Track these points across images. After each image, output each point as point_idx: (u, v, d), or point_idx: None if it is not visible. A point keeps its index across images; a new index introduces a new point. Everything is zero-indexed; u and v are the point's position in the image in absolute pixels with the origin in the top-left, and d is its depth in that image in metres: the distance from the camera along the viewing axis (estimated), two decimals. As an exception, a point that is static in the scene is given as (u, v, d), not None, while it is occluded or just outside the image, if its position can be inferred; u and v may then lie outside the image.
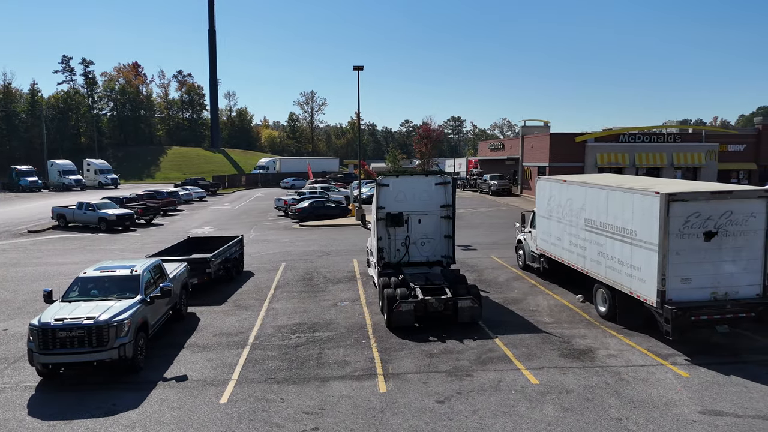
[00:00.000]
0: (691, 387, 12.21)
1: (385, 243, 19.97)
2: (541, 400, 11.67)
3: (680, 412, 11.04)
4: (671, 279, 14.17)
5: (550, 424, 10.67)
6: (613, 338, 15.46)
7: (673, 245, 14.10)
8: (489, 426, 10.62)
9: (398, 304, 16.17)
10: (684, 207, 14.04)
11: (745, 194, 14.24)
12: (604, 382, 12.56)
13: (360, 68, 41.54)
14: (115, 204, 42.25)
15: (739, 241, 14.24)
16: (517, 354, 14.36)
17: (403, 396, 11.96)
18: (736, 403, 11.35)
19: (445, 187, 20.08)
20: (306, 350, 14.89)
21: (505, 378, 12.88)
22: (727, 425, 10.50)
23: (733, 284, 14.32)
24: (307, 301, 19.84)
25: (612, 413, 11.05)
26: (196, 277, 20.60)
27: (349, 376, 13.08)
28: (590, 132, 53.60)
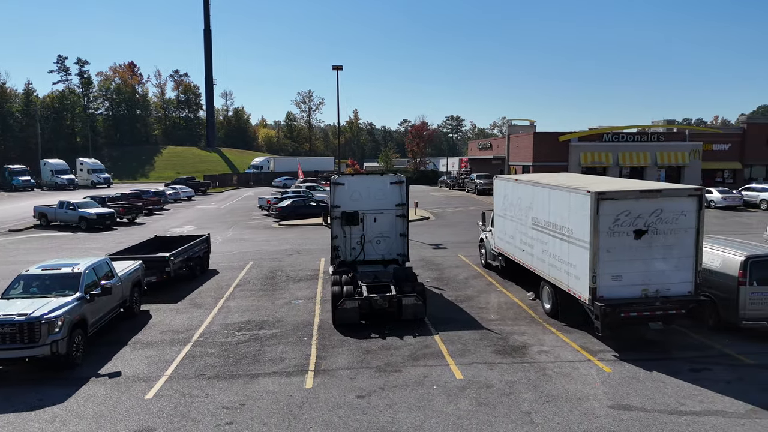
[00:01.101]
0: (609, 382, 12.43)
1: (340, 241, 20.22)
2: (460, 395, 11.90)
3: (590, 406, 11.27)
4: (602, 276, 14.38)
5: (459, 417, 10.90)
6: (550, 335, 15.68)
7: (603, 243, 14.31)
8: (400, 420, 10.85)
9: (342, 302, 16.42)
10: (613, 205, 14.25)
11: (675, 193, 14.45)
12: (526, 377, 12.77)
13: (339, 68, 41.87)
14: (96, 203, 42.51)
15: (670, 239, 14.43)
16: (451, 350, 14.59)
17: (327, 391, 12.20)
18: (647, 398, 11.57)
19: (400, 187, 20.30)
20: (246, 347, 15.12)
21: (432, 373, 13.10)
22: (631, 419, 10.72)
23: (665, 282, 14.51)
24: (263, 299, 20.07)
25: (524, 407, 11.28)
26: (155, 275, 20.86)
27: (281, 373, 13.31)
28: (574, 131, 53.68)
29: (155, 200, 52.43)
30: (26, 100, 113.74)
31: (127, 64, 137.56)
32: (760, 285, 14.57)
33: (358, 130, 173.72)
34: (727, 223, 37.72)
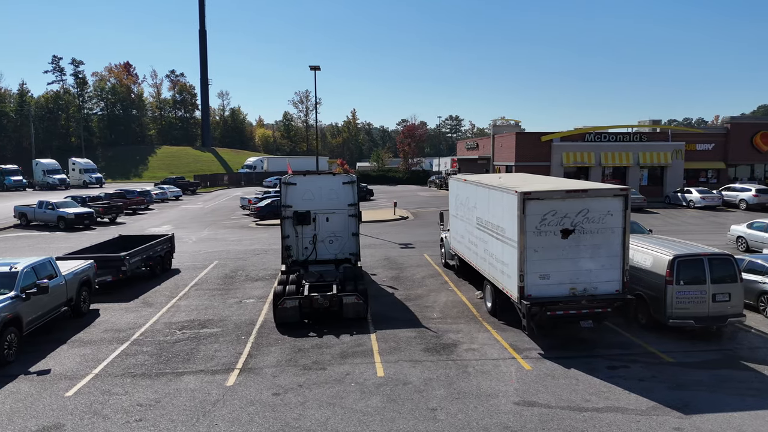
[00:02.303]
0: (524, 379, 12.61)
1: (292, 241, 20.45)
2: (374, 392, 12.09)
3: (496, 402, 11.46)
4: (530, 275, 14.56)
5: (365, 414, 11.09)
6: (485, 333, 15.86)
7: (530, 242, 14.48)
8: (306, 417, 11.05)
9: (283, 301, 16.62)
10: (540, 205, 14.42)
11: (601, 193, 14.62)
12: (445, 374, 12.96)
13: (316, 68, 42.02)
14: (75, 203, 42.73)
15: (597, 239, 14.59)
16: (382, 348, 14.78)
17: (245, 389, 12.40)
18: (555, 395, 11.75)
19: (352, 186, 20.50)
20: (182, 346, 15.33)
21: (355, 371, 13.29)
22: (531, 415, 10.91)
23: (593, 280, 14.68)
24: (216, 298, 20.28)
25: (431, 404, 11.46)
26: (111, 274, 21.07)
27: (207, 371, 13.51)
28: (556, 132, 53.80)
29: (139, 200, 52.65)
30: (20, 100, 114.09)
31: (123, 64, 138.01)
32: (687, 284, 14.70)
33: (356, 130, 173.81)
34: (703, 222, 37.86)
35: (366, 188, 61.28)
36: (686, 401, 11.31)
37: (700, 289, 14.66)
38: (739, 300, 14.74)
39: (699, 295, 14.64)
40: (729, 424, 10.37)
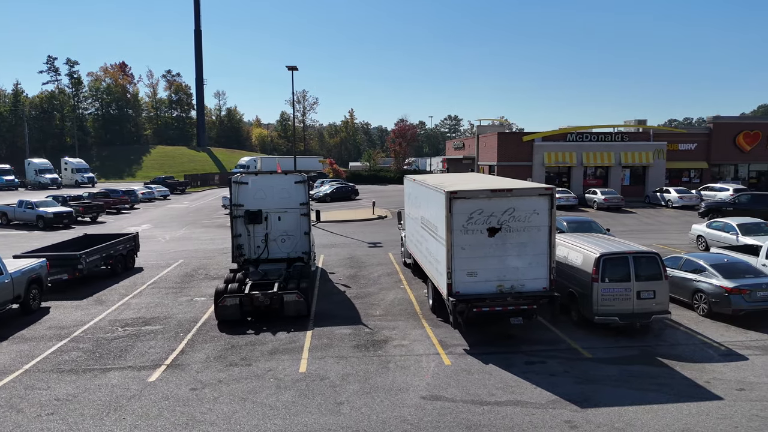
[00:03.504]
0: (440, 374, 12.87)
1: (244, 240, 20.70)
2: (290, 387, 12.35)
3: (404, 397, 11.71)
4: (457, 272, 14.80)
5: (272, 408, 11.36)
6: (420, 330, 16.10)
7: (458, 240, 14.72)
8: (213, 411, 11.33)
9: (223, 299, 16.88)
10: (466, 204, 14.66)
11: (527, 192, 14.85)
12: (364, 370, 13.21)
13: (294, 68, 42.17)
14: (55, 202, 43.02)
15: (524, 237, 14.83)
16: (314, 345, 15.04)
17: (165, 384, 12.67)
18: (463, 389, 12.00)
19: (304, 186, 20.76)
20: (119, 343, 15.60)
21: (278, 367, 13.56)
22: (433, 408, 11.17)
23: (520, 278, 14.91)
24: (169, 296, 20.56)
25: (341, 398, 11.73)
26: (67, 273, 21.35)
27: (135, 367, 13.77)
28: (538, 131, 54.00)
29: (123, 200, 52.99)
30: (15, 100, 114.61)
31: (119, 64, 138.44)
32: (612, 282, 14.93)
33: (354, 129, 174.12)
34: (676, 222, 38.05)
35: (351, 188, 61.53)
36: (588, 395, 11.55)
37: (625, 286, 14.89)
38: (663, 297, 14.96)
39: (624, 292, 14.88)
40: (620, 418, 10.60)
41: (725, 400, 11.19)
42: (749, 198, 34.53)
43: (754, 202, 33.90)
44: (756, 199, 34.29)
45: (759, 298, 15.53)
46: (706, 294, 16.32)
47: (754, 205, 33.29)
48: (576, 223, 25.13)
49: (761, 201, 33.96)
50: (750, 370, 12.69)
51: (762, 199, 34.39)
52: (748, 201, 34.15)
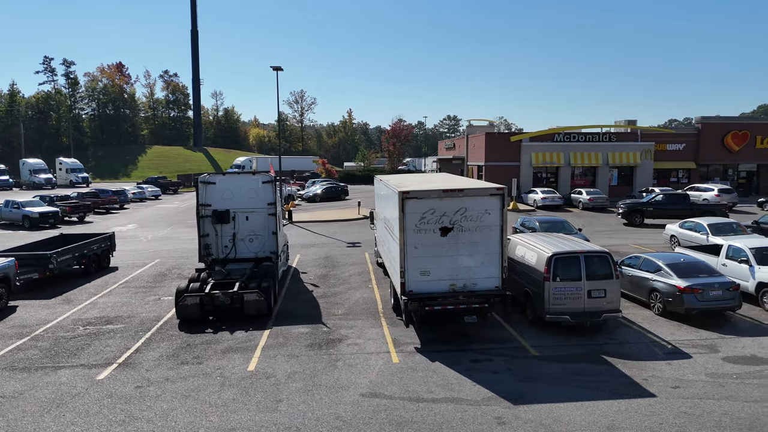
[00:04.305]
0: (385, 372, 13.01)
1: (212, 239, 20.82)
2: (234, 385, 12.49)
3: (344, 394, 11.85)
4: (410, 271, 14.93)
5: (211, 405, 11.50)
6: (377, 329, 16.24)
7: (410, 239, 14.85)
8: (153, 408, 11.47)
9: (183, 298, 17.02)
10: (418, 204, 14.79)
11: (478, 192, 14.97)
12: (312, 368, 13.35)
13: (279, 69, 42.31)
14: (42, 202, 43.19)
15: (475, 236, 14.95)
16: (269, 344, 15.18)
17: (112, 383, 12.81)
18: (403, 387, 12.13)
19: (272, 186, 20.90)
20: (77, 341, 15.74)
21: (228, 365, 13.69)
22: (369, 405, 11.31)
23: (472, 277, 15.03)
24: (137, 295, 20.71)
25: (281, 395, 11.87)
26: (37, 272, 21.51)
27: (87, 365, 13.92)
28: (526, 132, 54.08)
29: (112, 199, 53.15)
30: (11, 100, 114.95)
31: (115, 64, 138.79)
32: (563, 281, 15.06)
33: (352, 129, 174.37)
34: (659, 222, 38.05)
35: (342, 188, 61.68)
36: (523, 393, 11.68)
37: (576, 285, 15.02)
38: (614, 296, 15.08)
39: (575, 291, 15.00)
40: (549, 414, 10.73)
41: (658, 398, 11.32)
42: (666, 198, 35.70)
43: (671, 202, 35.23)
44: (672, 200, 35.57)
45: (711, 297, 15.65)
46: (661, 293, 16.45)
47: (670, 205, 34.72)
48: (548, 222, 25.27)
49: (677, 201, 35.34)
50: (690, 369, 12.81)
51: (677, 199, 35.70)
52: (666, 201, 35.35)
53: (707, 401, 11.14)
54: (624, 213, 35.33)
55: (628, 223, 34.93)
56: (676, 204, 34.90)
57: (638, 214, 34.84)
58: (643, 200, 36.40)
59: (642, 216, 34.84)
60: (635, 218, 34.71)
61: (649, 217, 34.73)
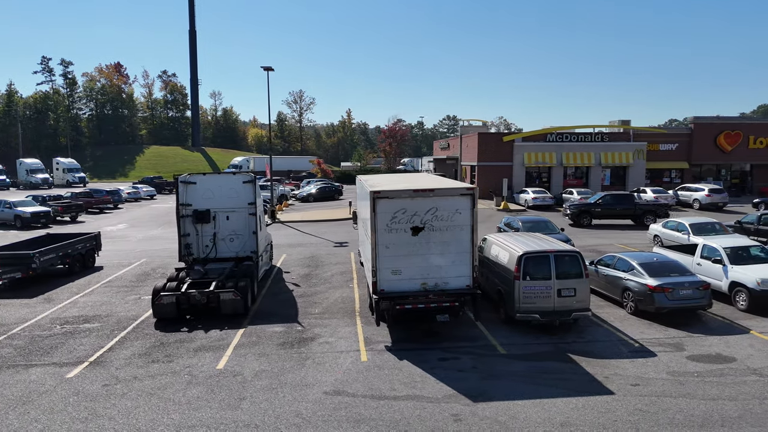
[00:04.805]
0: (352, 370, 13.12)
1: (193, 239, 20.94)
2: (201, 383, 12.61)
3: (307, 392, 11.98)
4: (382, 271, 15.05)
5: (175, 403, 11.61)
6: (351, 327, 16.36)
7: (382, 239, 14.97)
8: (118, 406, 11.59)
9: (159, 297, 17.14)
10: (390, 204, 14.90)
11: (448, 192, 15.09)
12: (281, 366, 13.47)
13: (270, 69, 42.43)
14: (34, 202, 43.36)
15: (446, 236, 15.06)
16: (241, 342, 15.29)
17: (81, 380, 12.93)
18: (367, 385, 12.25)
19: (252, 186, 21.01)
20: (53, 340, 15.86)
21: (198, 364, 13.81)
22: (330, 402, 11.44)
23: (443, 276, 15.15)
24: (119, 294, 20.83)
25: (245, 394, 11.98)
26: (20, 271, 21.65)
27: (59, 363, 14.04)
28: (519, 132, 54.15)
29: (106, 199, 53.34)
30: (8, 100, 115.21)
31: (114, 64, 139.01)
32: (533, 280, 15.17)
33: (351, 129, 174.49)
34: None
35: (336, 188, 61.81)
36: (484, 390, 11.79)
37: (546, 284, 15.12)
38: (584, 295, 15.19)
39: (544, 290, 15.11)
40: (506, 411, 10.85)
41: (616, 395, 11.43)
42: (612, 199, 36.29)
43: (616, 202, 35.84)
44: (617, 200, 36.17)
45: (681, 297, 15.76)
46: (633, 292, 16.56)
47: (616, 205, 35.40)
48: (531, 222, 25.39)
49: (622, 201, 35.99)
50: (653, 367, 12.91)
51: (623, 199, 36.36)
52: (612, 201, 35.92)
53: (664, 399, 11.23)
54: (572, 214, 35.64)
55: (574, 224, 35.08)
56: (621, 204, 35.61)
57: (586, 215, 35.16)
58: (590, 201, 36.81)
59: (590, 217, 35.14)
60: (583, 219, 35.01)
61: (596, 218, 35.08)
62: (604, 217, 35.42)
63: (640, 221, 34.87)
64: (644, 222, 34.48)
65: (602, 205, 35.67)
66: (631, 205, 35.50)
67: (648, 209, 35.36)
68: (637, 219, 35.13)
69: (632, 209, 35.14)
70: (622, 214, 34.98)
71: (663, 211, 35.24)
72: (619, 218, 35.38)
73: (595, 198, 37.10)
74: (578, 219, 35.04)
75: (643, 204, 36.33)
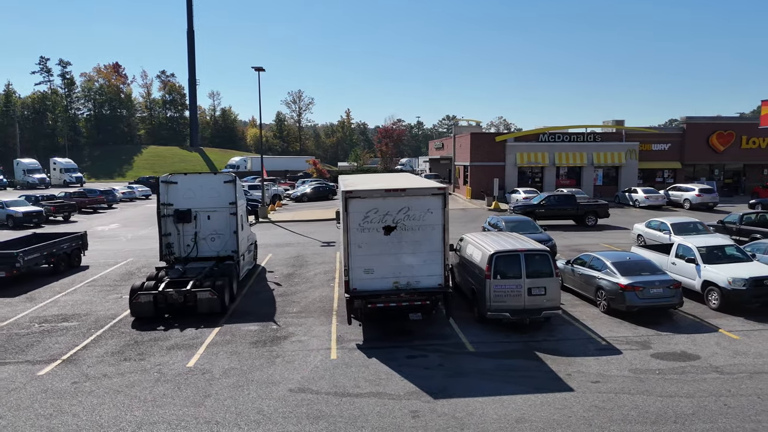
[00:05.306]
0: (319, 368, 13.27)
1: (174, 239, 21.08)
2: (169, 381, 12.74)
3: (273, 390, 12.11)
4: (354, 270, 15.19)
5: (141, 401, 11.76)
6: (326, 326, 16.50)
7: (354, 238, 15.11)
8: (84, 403, 11.71)
9: (137, 296, 17.29)
10: (362, 203, 15.05)
11: (420, 192, 15.23)
12: (250, 365, 13.59)
13: (261, 69, 42.55)
14: (26, 202, 43.53)
15: (418, 235, 15.20)
16: (215, 341, 15.43)
17: (51, 378, 13.07)
18: (332, 382, 12.39)
19: (233, 185, 21.16)
20: (29, 338, 16.01)
21: (169, 362, 13.94)
22: (293, 400, 11.58)
23: (415, 275, 15.29)
24: (101, 294, 20.98)
25: (211, 391, 12.11)
26: (4, 270, 21.82)
27: (32, 361, 14.18)
28: (511, 132, 54.24)
29: (100, 199, 53.52)
30: (6, 101, 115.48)
31: (112, 64, 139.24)
32: (503, 279, 15.30)
33: (350, 129, 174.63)
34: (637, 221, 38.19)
35: (329, 187, 61.93)
36: (446, 387, 11.92)
37: (516, 283, 15.25)
38: (554, 294, 15.32)
39: (515, 288, 15.24)
40: (465, 408, 10.98)
41: (575, 392, 11.55)
42: (555, 200, 36.92)
43: (560, 203, 36.45)
44: (560, 200, 36.80)
45: (652, 295, 15.87)
46: (606, 291, 16.68)
47: (560, 206, 35.98)
48: (514, 222, 25.54)
49: (565, 202, 36.60)
50: (616, 364, 13.04)
51: (566, 200, 36.95)
52: (555, 202, 36.52)
53: (622, 395, 11.35)
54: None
55: None
56: (564, 204, 36.19)
57: (530, 216, 35.32)
58: (534, 202, 37.25)
59: (534, 218, 35.36)
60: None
61: (541, 218, 35.31)
62: (547, 218, 35.91)
63: (581, 221, 35.43)
64: (586, 222, 35.16)
65: (546, 206, 36.20)
66: (574, 206, 36.12)
67: (589, 209, 36.04)
68: (579, 219, 35.82)
69: (575, 209, 35.78)
70: (564, 215, 35.56)
71: (603, 211, 35.82)
72: (562, 218, 36.04)
73: (539, 199, 37.58)
74: None
75: (584, 204, 37.01)
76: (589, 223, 34.22)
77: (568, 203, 36.55)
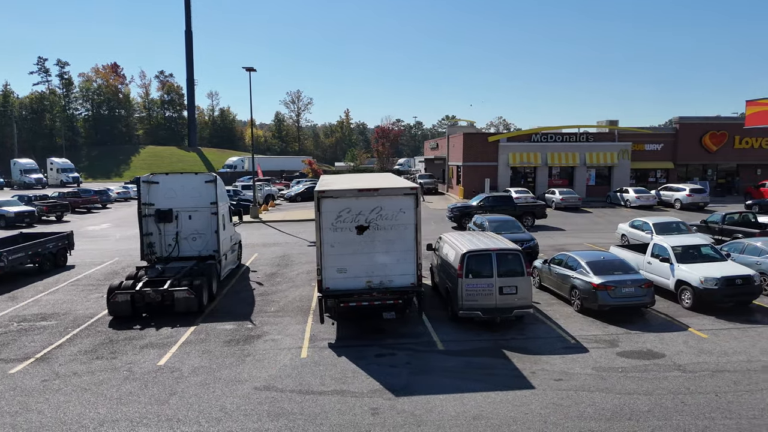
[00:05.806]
0: (288, 367, 13.39)
1: (155, 238, 21.20)
2: (137, 379, 12.86)
3: (238, 388, 12.23)
4: (327, 269, 15.30)
5: (107, 398, 11.88)
6: (301, 325, 16.62)
7: (327, 238, 15.23)
8: (50, 401, 11.84)
9: (114, 295, 17.41)
10: (335, 203, 15.16)
11: (392, 192, 15.33)
12: (220, 363, 13.71)
13: (252, 69, 42.65)
14: (19, 202, 43.68)
15: (391, 235, 15.32)
16: (189, 340, 15.54)
17: (22, 376, 13.19)
18: (298, 380, 12.50)
19: (215, 185, 21.27)
20: (6, 337, 16.14)
21: (140, 360, 14.06)
22: (257, 397, 11.70)
23: (388, 274, 15.40)
24: (83, 293, 21.10)
25: (177, 389, 12.23)
26: (-12, 270, 21.92)
27: (6, 360, 14.29)
28: (503, 132, 54.34)
29: (93, 199, 53.65)
30: (4, 101, 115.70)
31: (111, 65, 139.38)
32: (475, 278, 15.41)
33: (349, 129, 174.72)
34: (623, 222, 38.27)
35: (324, 188, 61.90)
36: (409, 385, 12.04)
37: (488, 282, 15.36)
38: (526, 293, 15.42)
39: (486, 287, 15.35)
40: (424, 405, 11.09)
41: (536, 389, 11.66)
42: (493, 200, 37.20)
43: (497, 204, 36.67)
44: (498, 201, 37.05)
45: (623, 294, 15.98)
46: (579, 290, 16.79)
47: (498, 207, 36.12)
48: (498, 222, 25.67)
49: (502, 202, 36.97)
50: (580, 362, 13.15)
51: (503, 200, 37.34)
52: (493, 203, 36.74)
53: (581, 393, 11.46)
54: (453, 217, 36.18)
55: (458, 227, 35.44)
56: (502, 205, 36.33)
57: (467, 217, 35.56)
58: (472, 204, 37.48)
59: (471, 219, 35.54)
60: (464, 221, 35.33)
61: None
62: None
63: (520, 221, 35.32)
64: (523, 222, 34.73)
65: (484, 207, 36.26)
66: (511, 207, 36.32)
67: (527, 210, 36.40)
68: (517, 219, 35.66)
69: (512, 210, 35.79)
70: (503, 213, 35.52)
71: (540, 212, 36.19)
72: None
73: (477, 200, 37.72)
74: (460, 221, 35.61)
75: (522, 205, 37.49)
76: (527, 224, 33.73)
77: (505, 204, 36.76)
